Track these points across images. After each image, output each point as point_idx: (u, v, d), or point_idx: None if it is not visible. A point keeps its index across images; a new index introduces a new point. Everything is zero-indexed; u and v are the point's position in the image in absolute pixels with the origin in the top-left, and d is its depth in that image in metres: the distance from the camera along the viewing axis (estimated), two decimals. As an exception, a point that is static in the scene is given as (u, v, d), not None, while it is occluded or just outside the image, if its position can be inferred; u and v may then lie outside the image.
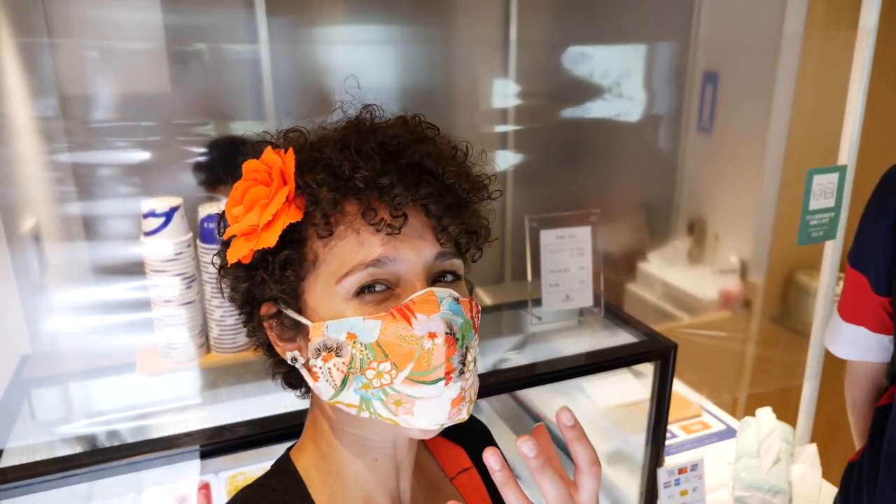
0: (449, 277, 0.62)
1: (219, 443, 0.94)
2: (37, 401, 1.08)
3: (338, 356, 0.59)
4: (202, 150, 1.28)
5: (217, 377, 1.15)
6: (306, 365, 0.63)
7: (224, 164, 1.27)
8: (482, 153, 0.67)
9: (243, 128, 1.39)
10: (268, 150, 0.61)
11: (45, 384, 1.11)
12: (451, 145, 0.65)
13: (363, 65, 1.51)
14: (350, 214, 0.59)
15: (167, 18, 1.29)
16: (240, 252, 0.60)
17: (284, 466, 0.68)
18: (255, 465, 1.39)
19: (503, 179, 1.76)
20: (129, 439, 0.96)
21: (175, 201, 1.04)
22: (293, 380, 0.69)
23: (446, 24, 1.67)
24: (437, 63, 1.65)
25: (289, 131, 0.65)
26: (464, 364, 0.59)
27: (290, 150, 0.61)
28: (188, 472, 1.10)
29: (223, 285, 0.66)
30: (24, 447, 0.92)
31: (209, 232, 1.05)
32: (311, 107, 1.47)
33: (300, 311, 0.62)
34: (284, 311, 0.62)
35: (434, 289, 0.59)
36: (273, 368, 0.69)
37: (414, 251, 0.59)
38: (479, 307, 0.65)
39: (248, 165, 0.62)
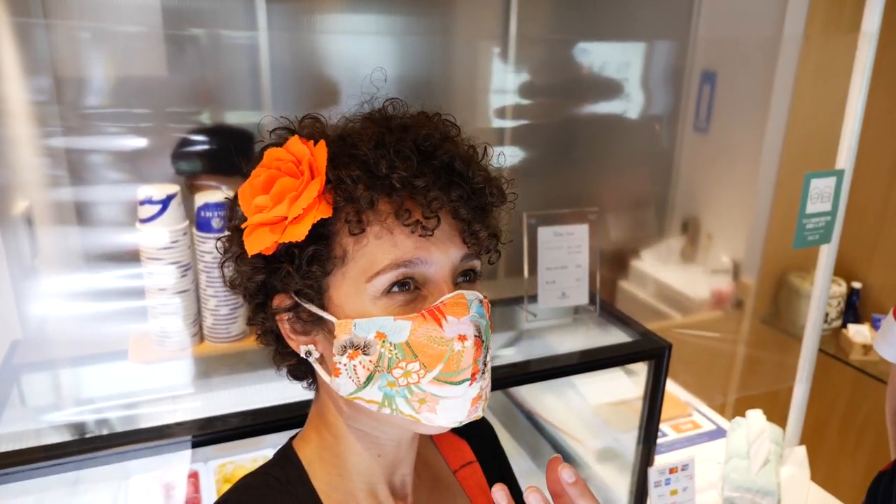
0: (469, 276, 0.63)
1: (210, 433, 0.94)
2: (27, 386, 1.07)
3: (364, 354, 0.59)
4: (191, 137, 1.27)
5: (210, 367, 1.14)
6: (322, 360, 0.63)
7: (216, 152, 1.26)
8: (500, 155, 0.67)
9: (239, 116, 1.38)
10: (294, 140, 0.60)
11: (36, 370, 1.10)
12: (469, 145, 0.65)
13: (362, 55, 1.50)
14: (383, 213, 0.58)
15: (165, 2, 1.27)
16: (263, 243, 0.59)
17: (287, 455, 0.68)
18: (245, 454, 1.38)
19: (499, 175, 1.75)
20: (121, 428, 0.95)
21: (172, 189, 1.03)
22: (299, 371, 0.69)
23: (447, 16, 1.66)
24: (436, 56, 1.64)
25: (305, 118, 0.63)
26: (485, 364, 0.60)
27: (322, 142, 0.59)
28: (177, 461, 1.09)
29: (225, 272, 0.65)
30: (13, 433, 0.91)
31: (206, 220, 1.04)
32: (310, 96, 1.45)
33: (323, 307, 0.61)
34: (304, 304, 0.61)
35: (464, 292, 0.59)
36: (278, 359, 0.69)
37: (444, 254, 0.59)
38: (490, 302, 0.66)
39: (273, 153, 0.60)
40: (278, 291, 0.63)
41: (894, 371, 1.23)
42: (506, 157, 0.69)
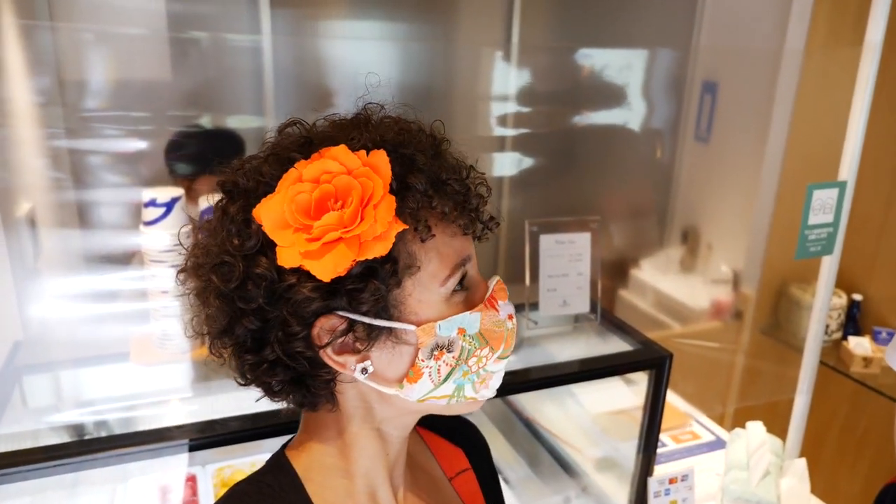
0: None
1: (209, 437, 0.94)
2: (28, 387, 1.07)
3: (448, 352, 0.62)
4: (180, 139, 1.27)
5: (210, 370, 1.14)
6: (375, 374, 0.60)
7: (208, 155, 1.26)
8: (476, 161, 0.68)
9: (242, 120, 1.38)
10: (344, 150, 0.57)
11: (38, 371, 1.10)
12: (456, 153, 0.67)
13: (364, 61, 1.50)
14: (436, 217, 0.60)
15: (170, 6, 1.27)
16: (341, 264, 0.55)
17: (279, 463, 0.67)
18: (243, 458, 1.38)
19: (499, 183, 1.75)
20: (121, 430, 0.95)
21: (176, 191, 1.03)
22: (319, 396, 0.63)
23: (449, 23, 1.67)
24: (439, 62, 1.64)
25: (287, 124, 0.63)
26: None
27: (382, 153, 0.57)
28: (175, 464, 1.09)
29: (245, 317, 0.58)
30: (15, 434, 0.91)
31: (209, 224, 1.04)
32: (313, 100, 1.46)
33: (390, 318, 0.59)
34: (366, 320, 0.57)
35: (496, 277, 0.67)
36: (289, 388, 0.62)
37: (472, 248, 0.65)
38: None
39: (321, 166, 0.57)
40: (321, 315, 0.57)
41: None
42: (486, 161, 0.72)
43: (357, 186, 0.55)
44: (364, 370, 0.59)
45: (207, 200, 1.06)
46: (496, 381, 0.67)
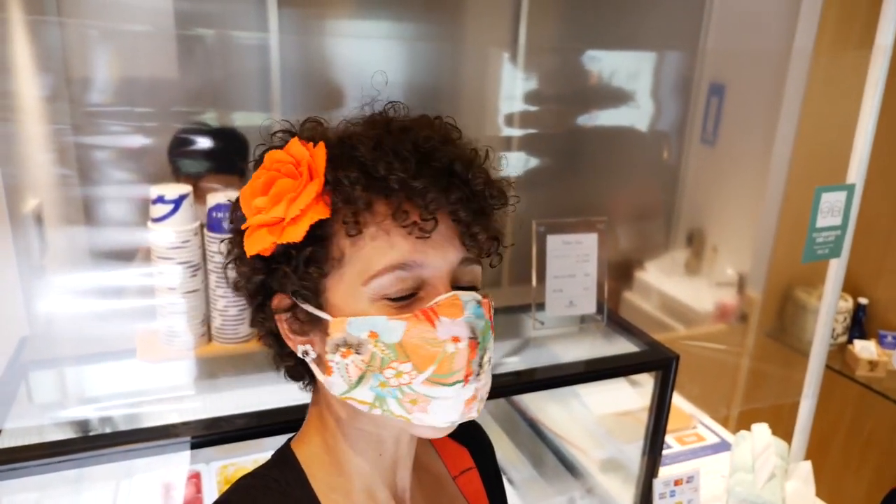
0: (470, 286, 0.62)
1: (216, 434, 0.94)
2: (35, 383, 1.07)
3: (357, 353, 0.59)
4: (186, 136, 1.27)
5: (217, 367, 1.14)
6: (318, 359, 0.62)
7: (213, 155, 1.26)
8: (501, 158, 0.68)
9: (248, 118, 1.38)
10: (294, 142, 0.60)
11: (44, 367, 1.10)
12: (471, 148, 0.65)
13: (371, 60, 1.50)
14: (380, 215, 0.58)
15: (177, 4, 1.27)
16: (261, 244, 0.60)
17: (285, 457, 0.68)
18: (247, 456, 1.38)
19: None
20: (126, 426, 0.95)
21: (184, 188, 1.03)
22: (297, 372, 0.69)
23: (457, 23, 1.67)
24: (446, 62, 1.64)
25: (307, 121, 0.64)
26: (480, 366, 0.60)
27: (321, 144, 0.60)
28: (180, 461, 1.09)
29: (228, 274, 0.66)
30: (21, 429, 0.91)
31: (217, 221, 1.04)
32: (319, 99, 1.46)
33: (320, 307, 0.61)
34: (301, 305, 0.62)
35: (459, 293, 0.59)
36: (278, 359, 0.69)
37: (441, 256, 0.59)
38: (493, 304, 0.65)
39: (273, 155, 0.61)
40: (277, 292, 0.63)
41: None
42: (508, 161, 0.70)
43: (288, 175, 0.59)
44: (305, 353, 0.63)
45: (216, 198, 1.06)
46: (443, 411, 0.59)
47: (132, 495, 1.19)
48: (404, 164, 0.57)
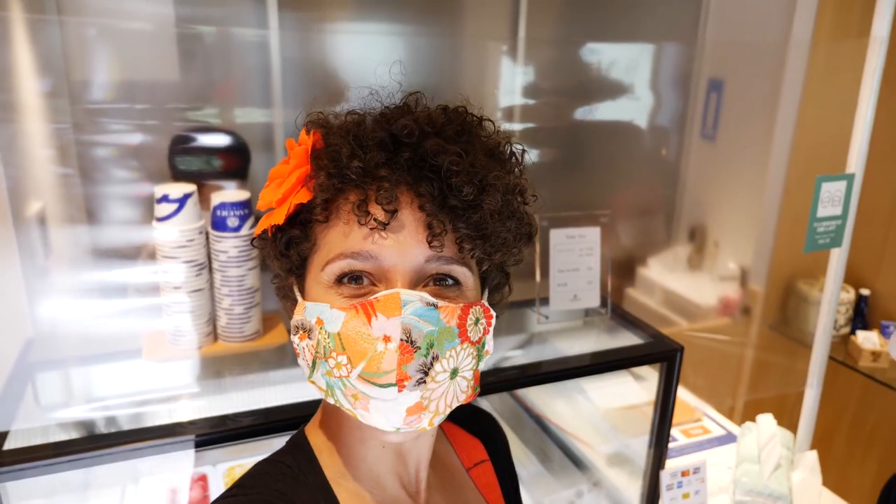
0: (449, 281, 0.60)
1: (221, 432, 0.93)
2: (41, 384, 1.07)
3: (309, 338, 0.60)
4: (185, 141, 1.27)
5: (223, 366, 1.15)
6: None
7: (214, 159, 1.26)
8: (522, 153, 0.65)
9: (250, 114, 1.38)
10: (303, 131, 0.63)
11: (50, 368, 1.10)
12: (494, 143, 0.63)
13: (371, 55, 1.50)
14: (348, 202, 0.59)
15: (178, 2, 1.27)
16: (262, 225, 0.63)
17: (299, 443, 0.68)
18: (254, 457, 1.37)
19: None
20: (132, 426, 0.95)
21: (189, 188, 1.04)
22: None
23: (456, 17, 1.67)
24: (445, 57, 1.64)
25: (349, 114, 0.64)
26: (426, 374, 0.56)
27: (314, 132, 0.62)
28: (187, 462, 1.09)
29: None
30: (28, 431, 0.91)
31: (222, 220, 1.04)
32: (320, 95, 1.45)
33: (301, 289, 0.63)
34: (293, 285, 0.65)
35: (402, 290, 0.56)
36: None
37: (398, 251, 0.57)
38: (491, 313, 0.62)
39: (289, 142, 0.64)
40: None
41: None
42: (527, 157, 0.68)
43: (288, 161, 0.62)
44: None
45: (220, 197, 1.06)
46: (383, 413, 0.57)
47: (139, 499, 1.19)
48: (368, 154, 0.57)
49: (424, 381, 0.56)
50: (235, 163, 1.31)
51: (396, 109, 0.62)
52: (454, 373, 0.59)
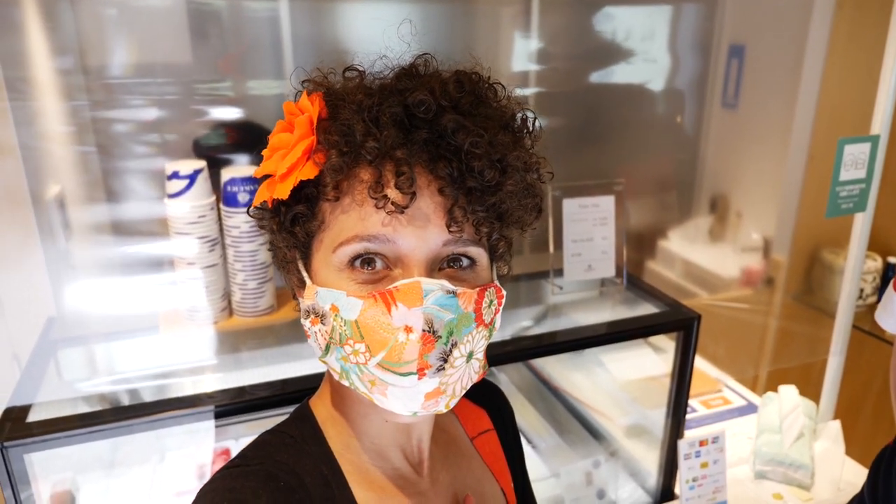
0: (464, 262, 0.58)
1: (239, 403, 0.95)
2: (63, 360, 1.09)
3: (322, 324, 0.58)
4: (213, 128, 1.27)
5: (239, 341, 1.16)
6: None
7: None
8: (538, 125, 0.62)
9: (262, 86, 1.37)
10: (304, 95, 0.59)
11: (71, 344, 1.13)
12: (508, 113, 0.60)
13: (382, 23, 1.48)
14: (361, 182, 0.55)
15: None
16: (262, 196, 0.60)
17: (303, 414, 0.68)
18: (276, 431, 1.40)
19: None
20: (151, 400, 0.97)
21: (199, 164, 1.04)
22: None
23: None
24: (458, 23, 1.62)
25: (348, 69, 0.61)
26: (445, 361, 0.56)
27: (319, 99, 0.58)
28: (208, 436, 1.11)
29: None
30: (52, 404, 0.93)
31: (232, 195, 1.05)
32: (331, 65, 1.44)
33: (307, 268, 0.61)
34: (297, 261, 0.62)
35: (423, 279, 0.54)
36: (299, 309, 0.69)
37: (416, 235, 0.55)
38: (503, 293, 0.62)
39: (287, 106, 0.60)
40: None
41: None
42: (542, 128, 0.65)
43: (291, 129, 0.58)
44: (299, 308, 0.63)
45: (230, 172, 1.07)
46: (402, 399, 0.56)
47: (166, 475, 1.22)
48: (384, 131, 0.53)
49: (444, 368, 0.56)
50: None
51: (404, 73, 0.59)
52: (470, 356, 0.58)
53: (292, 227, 0.59)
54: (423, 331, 0.54)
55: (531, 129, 0.62)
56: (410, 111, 0.55)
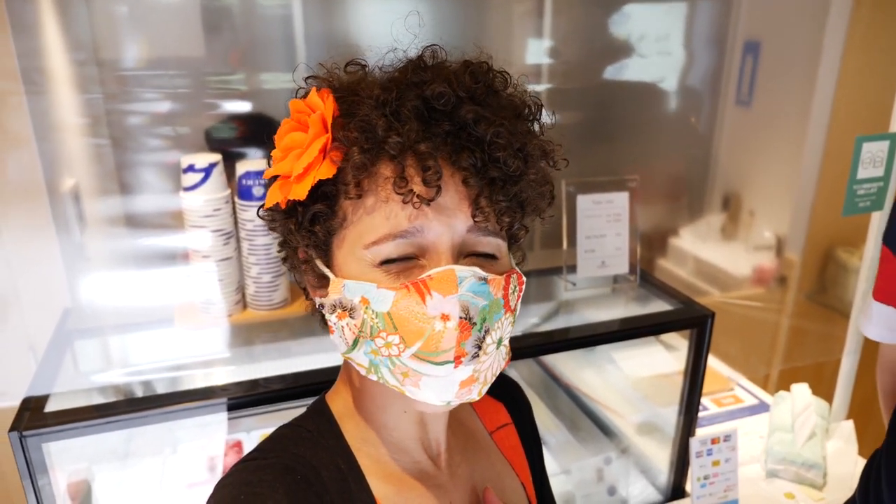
0: (488, 251, 0.59)
1: (252, 395, 0.95)
2: (79, 352, 1.10)
3: (351, 317, 0.58)
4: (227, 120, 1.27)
5: (253, 334, 1.16)
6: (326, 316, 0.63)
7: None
8: (552, 114, 0.63)
9: (275, 79, 1.37)
10: (313, 92, 0.58)
11: (87, 336, 1.14)
12: (518, 101, 0.60)
13: (394, 19, 1.48)
14: (383, 178, 0.55)
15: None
16: (275, 198, 0.59)
17: (319, 408, 0.68)
18: (287, 424, 1.41)
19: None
20: (166, 391, 0.97)
21: (214, 157, 1.05)
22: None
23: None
24: (471, 20, 1.61)
25: (349, 64, 0.61)
26: (479, 348, 0.56)
27: (331, 96, 0.57)
28: (221, 429, 1.12)
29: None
30: (68, 395, 0.94)
31: (247, 189, 1.05)
32: (343, 59, 1.44)
33: (328, 264, 0.61)
34: (314, 260, 0.62)
35: (456, 267, 0.55)
36: (312, 308, 0.69)
37: (443, 224, 0.55)
38: (523, 279, 0.62)
39: (294, 104, 0.59)
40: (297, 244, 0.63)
41: (881, 348, 1.20)
42: (555, 118, 0.66)
43: (302, 127, 0.58)
44: (321, 306, 0.62)
45: (245, 166, 1.07)
46: (435, 389, 0.56)
47: (178, 466, 1.22)
48: (406, 125, 0.53)
49: (478, 355, 0.56)
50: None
51: (413, 65, 0.59)
52: (499, 342, 0.58)
53: (312, 226, 0.59)
54: (461, 318, 0.54)
55: (539, 116, 0.62)
56: (430, 104, 0.55)
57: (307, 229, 0.59)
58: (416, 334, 0.55)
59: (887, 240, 1.08)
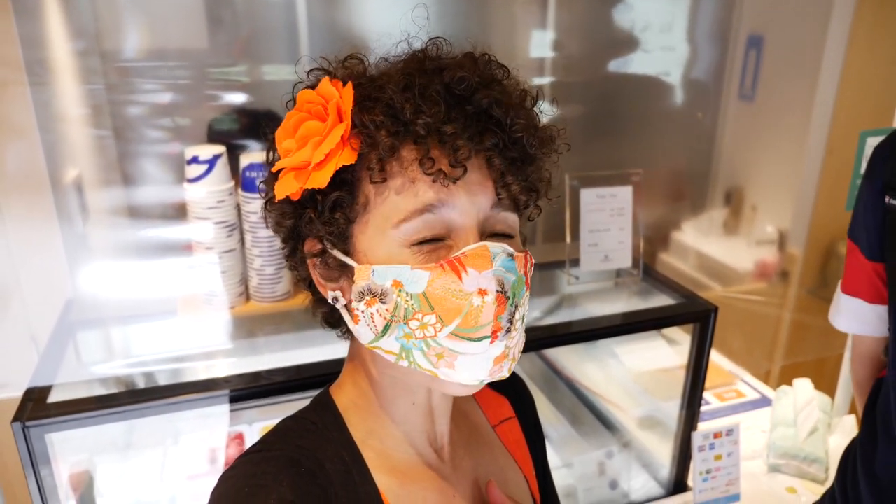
0: (507, 230, 0.60)
1: (254, 387, 0.95)
2: (82, 343, 1.10)
3: (381, 302, 0.57)
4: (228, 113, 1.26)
5: (256, 326, 1.16)
6: (347, 306, 0.62)
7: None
8: (553, 102, 0.65)
9: (278, 71, 1.36)
10: (325, 81, 0.58)
11: (89, 327, 1.14)
12: (520, 89, 0.62)
13: (399, 11, 1.47)
14: (406, 160, 0.56)
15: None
16: (289, 188, 0.59)
17: (323, 401, 0.68)
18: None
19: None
20: (169, 383, 0.97)
21: (218, 149, 1.04)
22: (333, 319, 0.69)
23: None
24: (474, 11, 1.61)
25: (348, 58, 0.61)
26: (511, 322, 0.57)
27: (349, 84, 0.58)
28: (222, 420, 1.12)
29: (268, 217, 0.65)
30: (71, 385, 0.94)
31: (251, 181, 1.05)
32: (347, 50, 1.44)
33: (347, 253, 0.60)
34: (330, 250, 0.61)
35: (488, 243, 0.56)
36: (314, 306, 0.69)
37: (469, 199, 0.57)
38: (533, 260, 0.63)
39: (303, 95, 0.59)
40: (308, 236, 0.63)
41: (853, 340, 1.20)
42: (555, 105, 0.67)
43: (316, 117, 0.58)
44: (335, 299, 0.62)
45: (249, 158, 1.07)
46: (470, 367, 0.57)
47: (179, 457, 1.23)
48: (433, 108, 0.55)
49: (510, 331, 0.57)
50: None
51: (421, 55, 0.60)
52: (523, 319, 0.60)
53: (332, 213, 0.59)
54: (497, 292, 0.56)
55: (534, 97, 0.64)
56: (450, 89, 0.57)
57: (328, 217, 0.59)
58: (454, 312, 0.55)
59: (852, 234, 1.10)
